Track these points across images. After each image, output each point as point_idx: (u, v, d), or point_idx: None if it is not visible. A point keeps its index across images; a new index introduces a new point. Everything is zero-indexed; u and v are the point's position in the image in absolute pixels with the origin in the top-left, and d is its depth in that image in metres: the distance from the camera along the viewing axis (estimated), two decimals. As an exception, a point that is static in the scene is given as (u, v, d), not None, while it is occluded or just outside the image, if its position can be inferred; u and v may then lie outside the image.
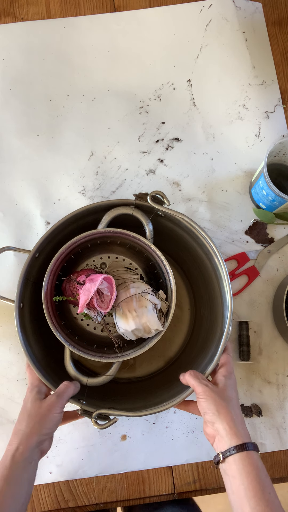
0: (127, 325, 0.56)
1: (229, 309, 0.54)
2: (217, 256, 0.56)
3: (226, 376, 0.53)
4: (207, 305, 0.63)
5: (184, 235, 0.61)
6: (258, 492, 0.44)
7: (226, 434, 0.48)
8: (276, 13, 0.79)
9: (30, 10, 0.78)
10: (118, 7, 0.79)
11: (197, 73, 0.77)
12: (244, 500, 0.45)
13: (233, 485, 0.46)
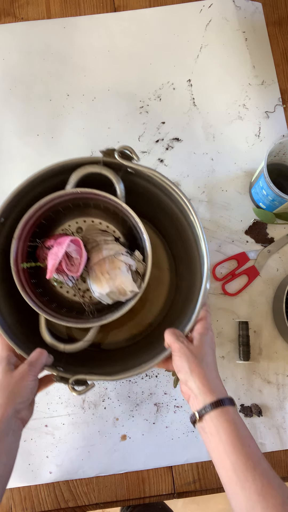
0: (101, 289, 0.54)
1: (206, 265, 0.52)
2: (192, 213, 0.54)
3: (201, 333, 0.51)
4: (186, 264, 0.61)
5: (158, 192, 0.59)
6: (237, 446, 0.43)
7: (200, 392, 0.47)
8: (276, 13, 0.79)
9: (30, 10, 0.78)
10: (118, 7, 0.79)
11: (197, 73, 0.77)
12: (224, 456, 0.44)
13: (212, 443, 0.45)
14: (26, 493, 0.65)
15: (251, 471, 0.41)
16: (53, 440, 0.66)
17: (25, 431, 0.66)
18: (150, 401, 0.67)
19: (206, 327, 0.52)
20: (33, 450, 0.66)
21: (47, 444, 0.66)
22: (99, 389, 0.67)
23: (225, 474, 0.43)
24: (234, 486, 0.42)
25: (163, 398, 0.67)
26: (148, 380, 0.68)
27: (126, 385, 0.68)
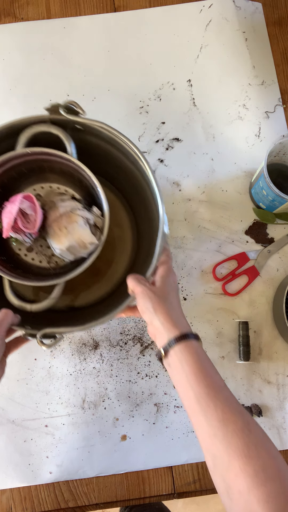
0: (61, 244, 0.55)
1: (161, 208, 0.53)
2: (141, 159, 0.53)
3: (163, 276, 0.53)
4: (146, 218, 0.61)
5: (110, 149, 0.58)
6: (199, 377, 0.44)
7: (164, 328, 0.48)
8: (276, 13, 0.79)
9: (30, 10, 0.78)
10: (118, 7, 0.79)
11: (197, 73, 0.77)
12: (188, 388, 0.45)
13: (177, 376, 0.46)
14: (26, 493, 0.65)
15: (212, 400, 0.43)
16: (53, 440, 0.66)
17: (25, 431, 0.66)
18: (150, 401, 0.67)
19: (167, 270, 0.54)
20: (33, 450, 0.66)
21: (47, 444, 0.66)
22: (99, 390, 0.67)
23: (188, 405, 0.44)
24: (197, 415, 0.43)
25: (163, 398, 0.67)
26: (148, 380, 0.68)
27: (126, 385, 0.68)
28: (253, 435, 0.41)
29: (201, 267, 0.71)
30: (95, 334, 0.69)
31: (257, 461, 0.39)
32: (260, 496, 0.38)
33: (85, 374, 0.68)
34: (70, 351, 0.68)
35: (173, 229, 0.72)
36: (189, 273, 0.71)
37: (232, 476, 0.40)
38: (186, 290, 0.70)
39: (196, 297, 0.70)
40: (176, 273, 0.71)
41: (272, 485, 0.38)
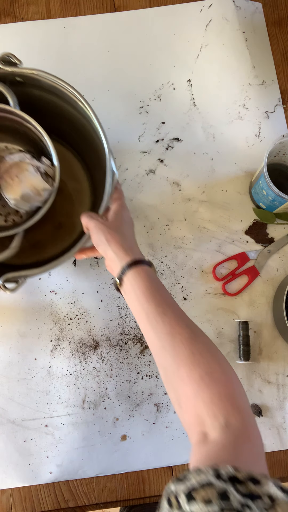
0: (14, 194, 0.56)
1: (105, 146, 0.55)
2: (82, 102, 0.55)
3: (116, 210, 0.55)
4: (98, 168, 0.62)
5: (53, 99, 0.59)
6: (149, 297, 0.47)
7: (117, 257, 0.50)
8: (276, 13, 0.79)
9: (30, 10, 0.78)
10: (118, 7, 0.79)
11: (197, 73, 0.77)
12: (139, 308, 0.47)
13: (130, 300, 0.49)
14: (26, 493, 0.65)
15: (161, 316, 0.45)
16: (53, 440, 0.66)
17: (25, 431, 0.66)
18: (150, 401, 0.67)
19: (120, 206, 0.56)
20: (33, 450, 0.66)
21: (47, 444, 0.66)
22: (99, 389, 0.67)
23: (141, 325, 0.47)
24: (149, 332, 0.46)
25: (163, 398, 0.67)
26: (148, 380, 0.68)
27: (126, 385, 0.68)
28: (199, 344, 0.44)
29: (201, 267, 0.71)
30: (95, 334, 0.69)
31: (202, 367, 0.41)
32: (206, 398, 0.40)
33: (85, 374, 0.68)
34: (70, 351, 0.68)
35: (173, 229, 0.72)
36: (189, 273, 0.71)
37: (181, 384, 0.42)
38: (186, 290, 0.70)
39: (196, 297, 0.70)
40: (176, 273, 0.71)
41: (217, 387, 0.40)
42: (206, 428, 0.39)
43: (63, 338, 0.68)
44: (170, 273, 0.71)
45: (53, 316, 0.69)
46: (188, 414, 0.41)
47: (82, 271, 0.70)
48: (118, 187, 0.58)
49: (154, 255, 0.71)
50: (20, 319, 0.69)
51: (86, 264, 0.70)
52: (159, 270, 0.71)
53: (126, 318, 0.69)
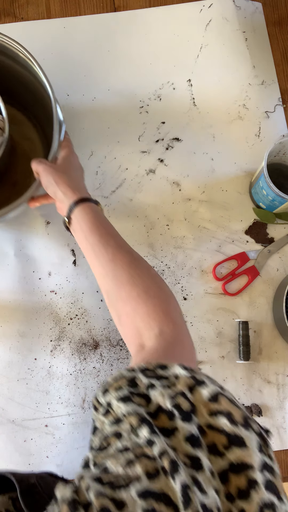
0: None
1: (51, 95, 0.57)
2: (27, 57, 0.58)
3: (64, 156, 0.59)
4: (49, 125, 0.63)
5: (3, 59, 0.62)
6: (93, 230, 0.50)
7: (65, 196, 0.53)
8: (276, 13, 0.79)
9: (30, 10, 0.78)
10: (118, 7, 0.79)
11: (197, 73, 0.77)
12: (86, 243, 0.50)
13: (78, 236, 0.52)
14: (26, 493, 0.65)
15: (104, 245, 0.49)
16: (53, 440, 0.66)
17: (25, 431, 0.66)
18: (150, 401, 0.67)
19: (68, 152, 0.60)
20: (33, 450, 0.66)
21: (47, 444, 0.66)
22: (99, 389, 0.67)
23: (88, 256, 0.50)
24: (94, 262, 0.49)
25: (163, 398, 0.67)
26: (148, 380, 0.68)
27: (126, 385, 0.68)
28: (139, 268, 0.47)
29: (201, 267, 0.71)
30: (95, 334, 0.69)
31: (140, 287, 0.45)
32: (143, 313, 0.43)
33: (85, 374, 0.68)
34: (70, 351, 0.68)
35: (173, 229, 0.72)
36: (189, 273, 0.71)
37: (121, 304, 0.46)
38: (186, 290, 0.70)
39: (196, 297, 0.70)
40: (176, 273, 0.71)
41: (152, 302, 0.44)
42: (143, 339, 0.43)
43: (63, 338, 0.68)
44: (170, 273, 0.71)
45: (53, 316, 0.69)
46: (128, 329, 0.45)
47: (82, 271, 0.70)
48: (66, 137, 0.63)
49: (154, 255, 0.71)
50: (20, 319, 0.69)
51: (86, 264, 0.70)
52: (159, 270, 0.71)
53: (126, 318, 0.69)
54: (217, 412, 0.29)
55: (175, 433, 0.28)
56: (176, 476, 0.25)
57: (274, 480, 0.28)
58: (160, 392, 0.31)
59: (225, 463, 0.28)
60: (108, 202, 0.73)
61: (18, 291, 0.69)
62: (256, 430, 0.29)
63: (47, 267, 0.70)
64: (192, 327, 0.69)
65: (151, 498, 0.24)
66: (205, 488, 0.26)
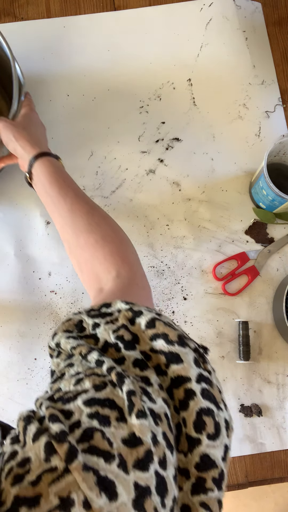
0: None
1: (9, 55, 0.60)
2: None
3: (24, 114, 0.61)
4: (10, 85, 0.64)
5: None
6: (53, 183, 0.51)
7: (24, 151, 0.55)
8: (276, 13, 0.79)
9: (30, 10, 0.78)
10: (118, 6, 0.79)
11: (197, 72, 0.77)
12: (46, 196, 0.52)
13: (39, 190, 0.53)
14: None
15: (63, 196, 0.50)
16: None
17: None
18: (150, 401, 0.67)
19: (29, 109, 0.62)
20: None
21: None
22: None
23: (48, 208, 0.52)
24: (54, 213, 0.51)
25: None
26: (148, 380, 0.68)
27: (126, 385, 0.68)
28: (96, 216, 0.49)
29: (201, 267, 0.71)
30: (95, 334, 0.69)
31: (98, 233, 0.47)
32: (100, 258, 0.45)
33: (85, 374, 0.68)
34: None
35: (173, 229, 0.72)
36: (189, 273, 0.71)
37: (80, 251, 0.47)
38: (186, 290, 0.70)
39: (196, 297, 0.70)
40: (176, 273, 0.71)
41: (109, 247, 0.46)
42: (102, 283, 0.44)
43: (63, 338, 0.68)
44: (170, 273, 0.71)
45: (53, 316, 0.69)
46: (87, 275, 0.46)
47: (82, 271, 0.70)
48: (28, 97, 0.66)
49: (154, 255, 0.71)
50: (20, 319, 0.69)
51: (86, 264, 0.70)
52: (159, 270, 0.71)
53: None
54: (155, 335, 0.31)
55: (124, 362, 0.30)
56: (122, 385, 0.27)
57: (211, 390, 0.30)
58: (104, 329, 0.32)
59: (168, 380, 0.30)
60: (108, 202, 0.73)
61: (18, 291, 0.69)
62: (192, 347, 0.31)
63: (47, 267, 0.70)
64: (192, 327, 0.69)
65: (96, 405, 0.26)
66: (154, 397, 0.27)
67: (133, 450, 0.24)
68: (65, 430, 0.24)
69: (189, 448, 0.28)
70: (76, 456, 0.22)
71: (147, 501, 0.23)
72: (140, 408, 0.26)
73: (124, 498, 0.22)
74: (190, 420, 0.28)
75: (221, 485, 0.28)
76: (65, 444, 0.23)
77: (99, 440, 0.24)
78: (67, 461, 0.22)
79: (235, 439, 0.66)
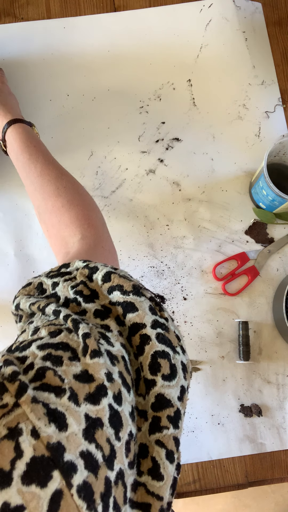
0: None
1: None
2: None
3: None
4: None
5: None
6: (24, 149, 0.52)
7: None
8: (276, 13, 0.79)
9: (30, 10, 0.78)
10: (118, 7, 0.79)
11: (197, 73, 0.77)
12: (18, 162, 0.53)
13: (12, 158, 0.54)
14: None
15: (33, 162, 0.51)
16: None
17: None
18: (150, 401, 0.67)
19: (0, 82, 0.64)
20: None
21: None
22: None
23: (20, 174, 0.53)
24: (25, 179, 0.52)
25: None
26: (148, 380, 0.68)
27: (126, 385, 0.68)
28: (64, 180, 0.50)
29: (201, 267, 0.71)
30: (95, 334, 0.69)
31: (65, 197, 0.48)
32: (67, 221, 0.46)
33: (85, 374, 0.68)
34: (70, 351, 0.68)
35: (173, 229, 0.72)
36: (189, 273, 0.71)
37: (48, 215, 0.48)
38: (186, 290, 0.70)
39: (196, 297, 0.70)
40: (176, 273, 0.71)
41: (75, 210, 0.47)
42: (68, 247, 0.45)
43: None
44: (170, 273, 0.71)
45: (53, 316, 0.69)
46: (55, 239, 0.47)
47: (82, 271, 0.70)
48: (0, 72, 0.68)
49: (154, 255, 0.71)
50: (20, 319, 0.69)
51: (86, 264, 0.70)
52: (159, 270, 0.71)
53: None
54: (111, 288, 0.32)
55: (86, 314, 0.31)
56: (78, 330, 0.27)
57: (167, 334, 0.30)
58: (63, 286, 0.33)
59: (126, 329, 0.30)
60: (108, 202, 0.73)
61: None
62: (147, 296, 0.32)
63: (47, 267, 0.70)
64: (192, 327, 0.69)
65: (49, 348, 0.26)
66: (112, 342, 0.28)
67: (85, 384, 0.25)
68: (17, 370, 0.24)
69: (146, 391, 0.28)
70: (25, 391, 0.23)
71: (98, 432, 0.23)
72: (94, 348, 0.26)
73: (75, 428, 0.23)
74: (145, 363, 0.29)
75: (177, 423, 0.28)
76: (16, 382, 0.23)
77: (51, 377, 0.24)
78: (17, 396, 0.23)
79: (235, 439, 0.66)
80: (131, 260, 0.71)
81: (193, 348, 0.69)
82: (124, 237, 0.72)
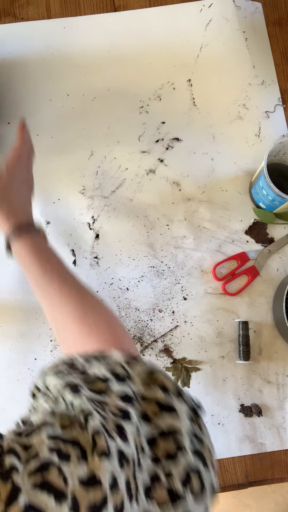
0: None
1: None
2: None
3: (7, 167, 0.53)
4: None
5: None
6: (37, 267, 0.48)
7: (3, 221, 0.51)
8: (276, 13, 0.79)
9: (30, 10, 0.78)
10: (118, 7, 0.79)
11: (197, 73, 0.77)
12: (31, 279, 0.49)
13: (22, 268, 0.50)
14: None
15: (50, 284, 0.47)
16: None
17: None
18: (150, 401, 0.67)
19: (16, 159, 0.53)
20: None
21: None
22: (99, 389, 0.67)
23: (36, 293, 0.49)
24: (42, 300, 0.48)
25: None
26: (148, 380, 0.68)
27: (126, 385, 0.68)
28: (87, 303, 0.46)
29: (201, 267, 0.71)
30: (95, 334, 0.69)
31: (90, 323, 0.44)
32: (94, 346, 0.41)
33: (85, 374, 0.68)
34: (70, 351, 0.68)
35: (173, 229, 0.72)
36: (189, 273, 0.71)
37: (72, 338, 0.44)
38: (186, 290, 0.70)
39: (196, 297, 0.70)
40: (176, 273, 0.71)
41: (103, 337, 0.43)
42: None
43: None
44: (170, 273, 0.71)
45: (53, 316, 0.69)
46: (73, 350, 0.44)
47: (82, 271, 0.70)
48: (21, 132, 0.56)
49: (154, 255, 0.71)
50: (20, 319, 0.69)
51: (86, 264, 0.71)
52: (159, 270, 0.71)
53: (126, 318, 0.69)
54: (152, 384, 0.31)
55: (109, 393, 0.30)
56: (87, 424, 0.26)
57: (202, 449, 0.29)
58: (97, 366, 0.32)
59: (153, 429, 0.29)
60: (108, 202, 0.73)
61: (18, 291, 0.69)
62: (188, 403, 0.31)
63: (47, 267, 0.70)
64: (192, 327, 0.69)
65: (59, 441, 0.25)
66: (128, 436, 0.26)
67: (90, 492, 0.23)
68: (15, 466, 0.23)
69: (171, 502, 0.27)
70: (16, 498, 0.21)
71: None
72: (103, 449, 0.25)
73: None
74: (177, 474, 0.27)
75: None
76: (8, 485, 0.22)
77: (55, 476, 0.23)
78: (7, 503, 0.21)
79: (235, 439, 0.66)
80: (131, 260, 0.71)
81: (193, 348, 0.69)
82: (124, 237, 0.72)
